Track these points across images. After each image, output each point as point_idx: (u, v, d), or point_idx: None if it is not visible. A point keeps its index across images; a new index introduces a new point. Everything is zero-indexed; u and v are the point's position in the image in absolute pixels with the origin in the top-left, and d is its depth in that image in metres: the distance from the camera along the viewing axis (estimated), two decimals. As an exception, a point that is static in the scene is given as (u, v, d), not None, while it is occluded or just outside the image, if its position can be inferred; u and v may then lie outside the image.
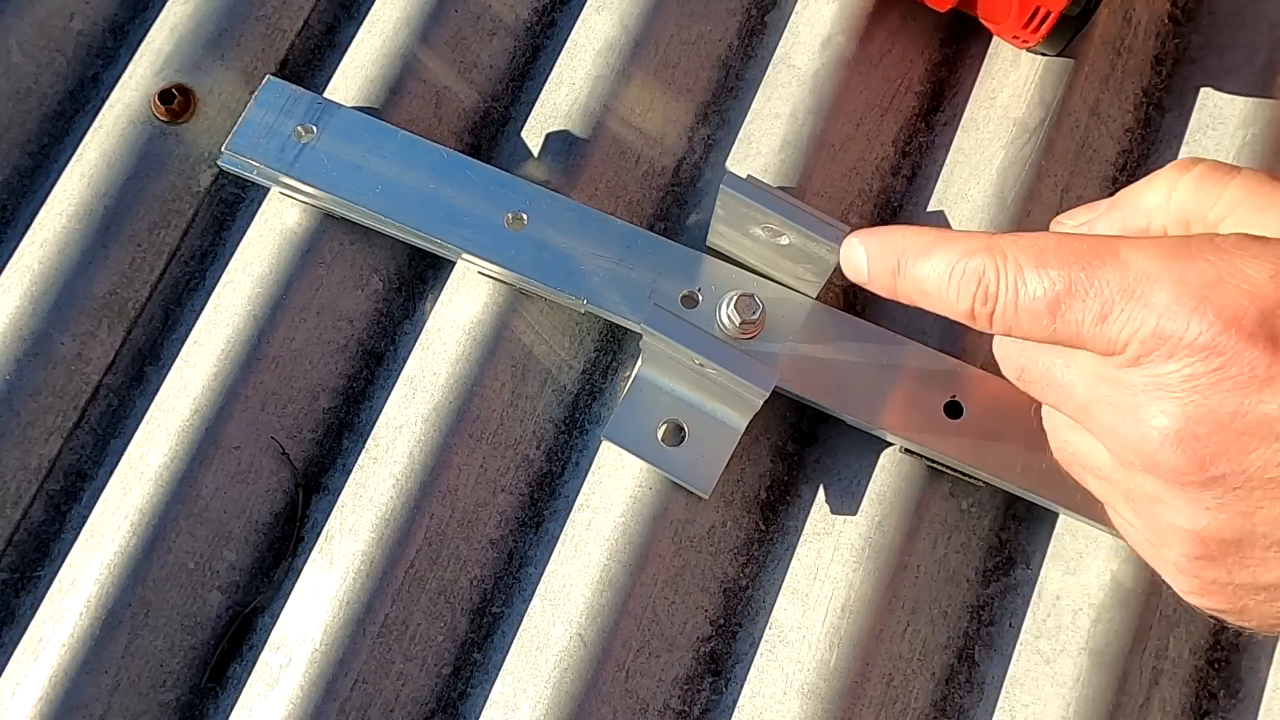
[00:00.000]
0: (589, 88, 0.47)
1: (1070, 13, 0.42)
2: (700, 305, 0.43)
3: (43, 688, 0.40)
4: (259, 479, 0.44)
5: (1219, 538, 0.28)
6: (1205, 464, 0.27)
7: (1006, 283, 0.29)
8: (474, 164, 0.44)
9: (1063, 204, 0.46)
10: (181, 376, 0.44)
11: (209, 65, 0.47)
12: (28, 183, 0.47)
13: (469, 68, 0.48)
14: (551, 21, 0.50)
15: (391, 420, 0.44)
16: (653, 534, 0.42)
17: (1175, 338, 0.26)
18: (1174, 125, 0.48)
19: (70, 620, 0.41)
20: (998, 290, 0.29)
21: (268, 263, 0.45)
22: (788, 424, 0.45)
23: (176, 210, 0.46)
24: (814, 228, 0.39)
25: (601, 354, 0.46)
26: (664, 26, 0.48)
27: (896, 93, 0.48)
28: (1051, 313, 0.28)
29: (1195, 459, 0.27)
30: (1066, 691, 0.41)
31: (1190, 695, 0.42)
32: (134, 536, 0.42)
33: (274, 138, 0.44)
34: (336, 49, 0.49)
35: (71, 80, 0.48)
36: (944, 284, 0.31)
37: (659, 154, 0.47)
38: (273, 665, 0.41)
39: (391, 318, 0.46)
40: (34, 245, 0.45)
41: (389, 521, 0.42)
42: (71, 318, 0.44)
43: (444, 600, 0.43)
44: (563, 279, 0.43)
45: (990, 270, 0.29)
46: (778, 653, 0.42)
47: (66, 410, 0.44)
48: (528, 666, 0.42)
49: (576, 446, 0.45)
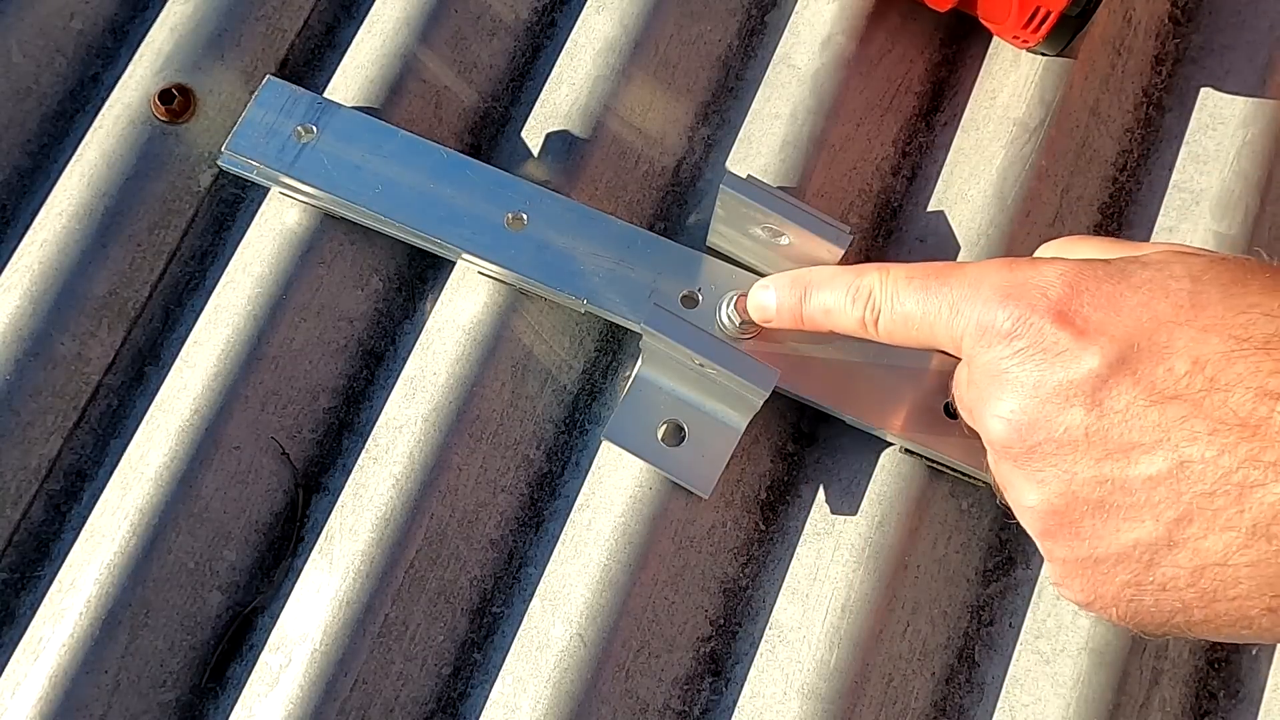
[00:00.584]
0: (589, 88, 0.47)
1: (1070, 13, 0.42)
2: (700, 305, 0.43)
3: (43, 688, 0.40)
4: (259, 479, 0.44)
5: (1050, 509, 0.31)
6: (1024, 435, 0.31)
7: (887, 294, 0.35)
8: (474, 164, 0.44)
9: (1063, 204, 0.46)
10: (181, 376, 0.44)
11: (209, 65, 0.47)
12: (28, 183, 0.47)
13: (469, 68, 0.48)
14: (551, 21, 0.50)
15: (392, 420, 0.44)
16: (653, 534, 0.42)
17: (991, 328, 0.32)
18: (1174, 125, 0.48)
19: (70, 620, 0.41)
20: (880, 302, 0.35)
21: (268, 263, 0.45)
22: (788, 424, 0.45)
23: (176, 210, 0.46)
24: (814, 228, 0.39)
25: (601, 354, 0.46)
26: (664, 26, 0.48)
27: (896, 93, 0.48)
28: (934, 280, 0.34)
29: (1016, 432, 0.31)
30: (1066, 692, 0.41)
31: (1190, 695, 0.42)
32: (134, 536, 0.42)
33: (274, 138, 0.44)
34: (337, 49, 0.49)
35: (71, 80, 0.48)
36: (843, 300, 0.37)
37: (659, 154, 0.47)
38: (273, 665, 0.41)
39: (391, 318, 0.46)
40: (34, 245, 0.45)
41: (389, 521, 0.42)
42: (71, 318, 0.44)
43: (444, 600, 0.43)
44: (563, 279, 0.43)
45: (877, 286, 0.35)
46: (778, 653, 0.42)
47: (66, 410, 0.44)
48: (528, 666, 0.41)
49: (576, 446, 0.45)
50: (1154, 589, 0.30)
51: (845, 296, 0.36)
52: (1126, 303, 0.30)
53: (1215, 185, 0.45)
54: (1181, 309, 0.29)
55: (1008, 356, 0.31)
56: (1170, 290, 0.30)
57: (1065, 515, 0.31)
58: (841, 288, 0.37)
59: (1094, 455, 0.30)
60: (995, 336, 0.31)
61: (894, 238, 0.47)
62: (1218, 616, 0.29)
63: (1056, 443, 0.30)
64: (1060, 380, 0.30)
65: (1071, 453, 0.30)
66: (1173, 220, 0.46)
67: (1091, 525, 0.31)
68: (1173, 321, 0.29)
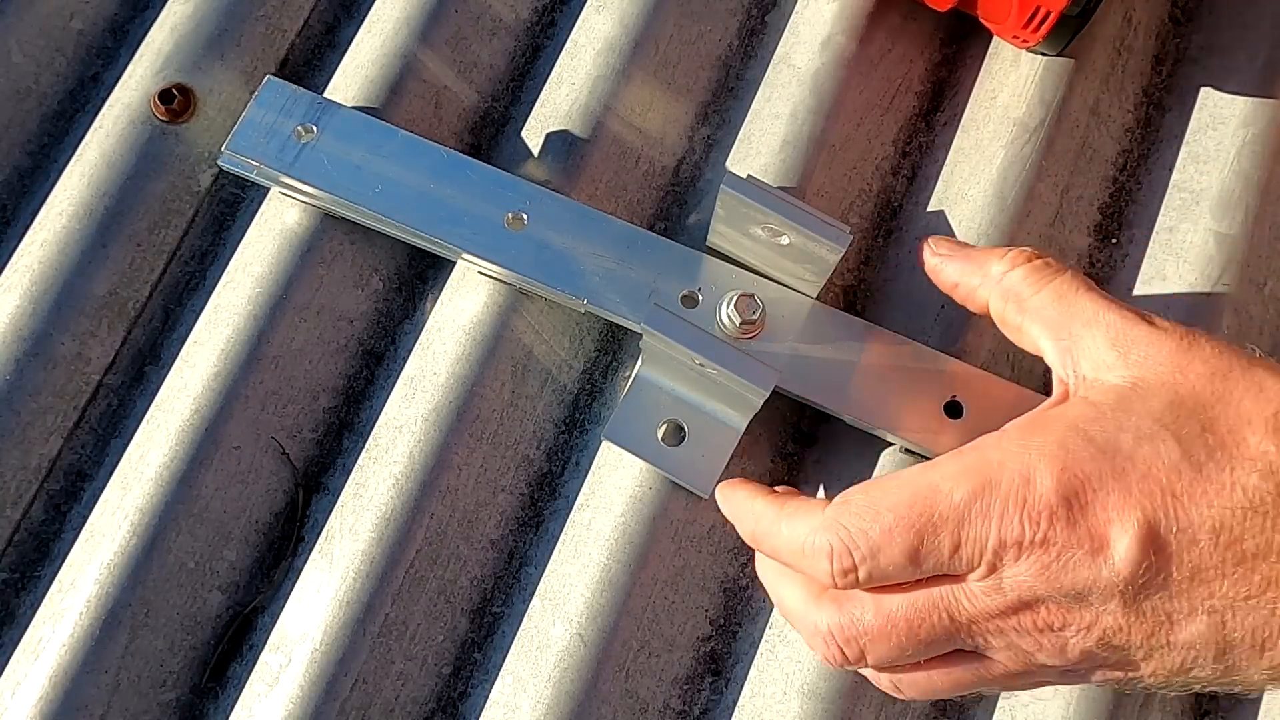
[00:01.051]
0: (589, 87, 0.47)
1: (1070, 13, 0.42)
2: (700, 305, 0.43)
3: (43, 688, 0.40)
4: (259, 479, 0.44)
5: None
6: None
7: (861, 553, 0.32)
8: (474, 164, 0.44)
9: (1063, 204, 0.46)
10: (181, 376, 0.44)
11: (209, 65, 0.47)
12: (28, 182, 0.47)
13: (469, 67, 0.48)
14: (551, 21, 0.50)
15: (392, 420, 0.44)
16: (653, 534, 0.42)
17: (1015, 541, 0.30)
18: (1174, 125, 0.48)
19: (70, 620, 0.41)
20: (854, 562, 0.32)
21: (268, 262, 0.45)
22: (788, 424, 0.45)
23: (176, 210, 0.46)
24: (814, 228, 0.39)
25: (601, 354, 0.46)
26: (664, 26, 0.48)
27: (896, 93, 0.48)
28: (914, 562, 0.31)
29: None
30: (1067, 692, 0.41)
31: (1190, 696, 0.42)
32: (134, 536, 0.42)
33: (274, 138, 0.44)
34: (337, 49, 0.49)
35: (71, 80, 0.48)
36: (800, 559, 0.33)
37: (659, 154, 0.47)
38: (273, 665, 0.41)
39: (392, 317, 0.46)
40: (34, 245, 0.45)
41: (389, 521, 0.42)
42: (71, 317, 0.44)
43: (444, 600, 0.43)
44: (563, 279, 0.43)
45: (838, 545, 0.32)
46: (778, 653, 0.42)
47: (66, 410, 0.44)
48: (528, 666, 0.42)
49: (576, 446, 0.45)
50: None
51: (802, 554, 0.33)
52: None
53: (1215, 185, 0.45)
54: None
55: (1050, 564, 0.30)
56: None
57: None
58: (795, 542, 0.33)
59: None
60: (1026, 548, 0.30)
61: (894, 237, 0.47)
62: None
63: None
64: (1099, 577, 0.30)
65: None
66: (1173, 220, 0.46)
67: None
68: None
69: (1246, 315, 0.44)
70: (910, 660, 0.33)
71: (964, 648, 0.32)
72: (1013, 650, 0.32)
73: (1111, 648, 0.31)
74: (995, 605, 0.31)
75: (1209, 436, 0.29)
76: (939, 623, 0.32)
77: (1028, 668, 0.32)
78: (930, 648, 0.32)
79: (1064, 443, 0.30)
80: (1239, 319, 0.44)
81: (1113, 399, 0.31)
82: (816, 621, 0.34)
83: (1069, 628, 0.30)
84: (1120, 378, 0.32)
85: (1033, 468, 0.30)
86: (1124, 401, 0.31)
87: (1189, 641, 0.30)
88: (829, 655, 0.34)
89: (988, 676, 0.33)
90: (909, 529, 0.31)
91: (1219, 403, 0.30)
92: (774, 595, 0.37)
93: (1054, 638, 0.31)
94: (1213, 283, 0.44)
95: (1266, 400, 0.30)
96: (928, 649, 0.32)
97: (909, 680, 0.34)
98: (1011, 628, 0.31)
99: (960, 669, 0.33)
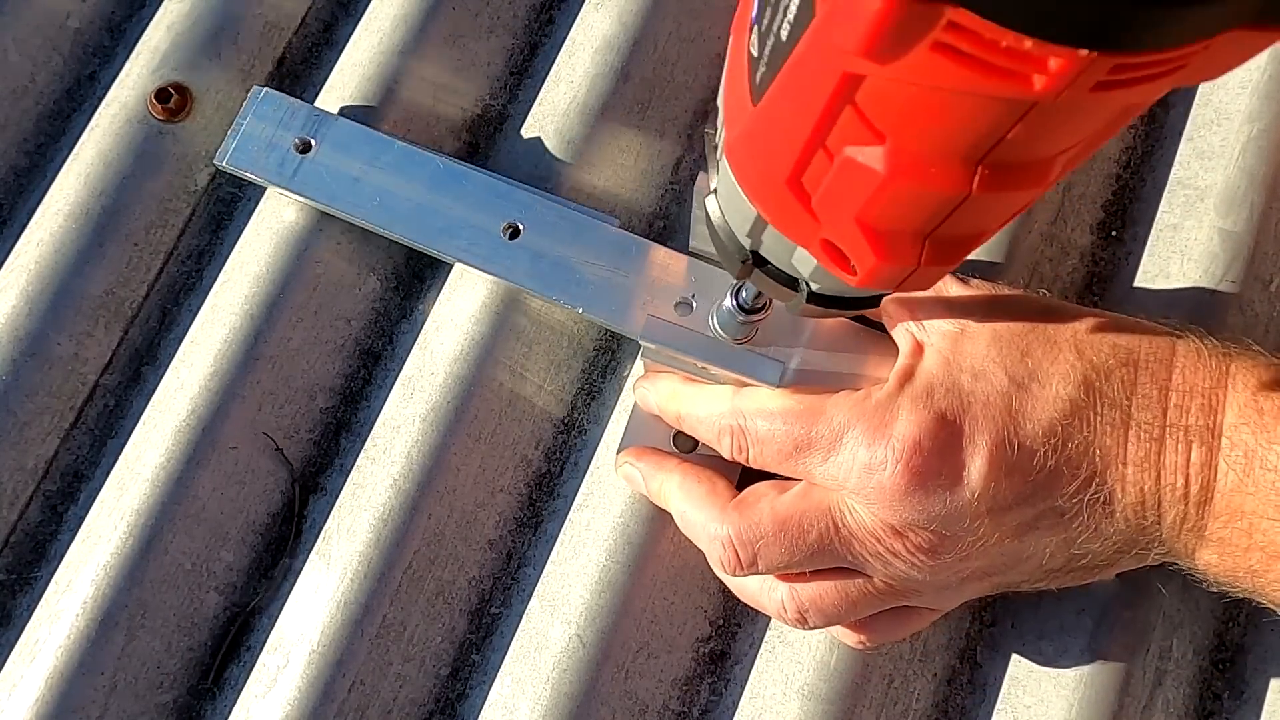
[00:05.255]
0: (587, 85, 0.47)
1: None
2: (695, 310, 0.43)
3: (39, 689, 0.40)
4: (256, 479, 0.43)
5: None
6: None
7: (754, 436, 0.37)
8: (470, 173, 0.44)
9: (1065, 202, 0.46)
10: (178, 376, 0.44)
11: (206, 64, 0.47)
12: (24, 182, 0.47)
13: (467, 65, 0.48)
14: (550, 19, 0.50)
15: (389, 420, 0.44)
16: (652, 534, 0.42)
17: (879, 462, 0.34)
18: (1177, 122, 0.47)
19: (67, 621, 0.41)
20: (747, 443, 0.37)
21: (265, 262, 0.45)
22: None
23: (173, 209, 0.46)
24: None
25: (600, 354, 0.45)
26: (663, 24, 0.48)
27: (897, 89, 0.48)
28: (794, 455, 0.36)
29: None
30: (1069, 693, 0.40)
31: (1194, 696, 0.42)
32: (131, 537, 0.42)
33: (273, 151, 0.44)
34: (334, 47, 0.49)
35: (68, 79, 0.48)
36: (709, 434, 0.39)
37: (657, 152, 0.47)
38: (270, 666, 0.41)
39: (389, 317, 0.46)
40: (30, 245, 0.45)
41: (387, 522, 0.42)
42: (68, 317, 0.44)
43: (442, 601, 0.42)
44: (558, 288, 0.43)
45: (736, 427, 0.38)
46: (778, 653, 0.41)
47: (63, 411, 0.44)
48: (526, 667, 0.41)
49: (575, 446, 0.45)
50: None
51: (708, 430, 0.39)
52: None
53: (1220, 182, 0.45)
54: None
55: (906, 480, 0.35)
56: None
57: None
58: (706, 420, 0.39)
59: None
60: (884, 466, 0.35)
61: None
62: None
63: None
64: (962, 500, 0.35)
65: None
66: (1177, 217, 0.45)
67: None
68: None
69: (1251, 312, 0.44)
70: (798, 568, 0.37)
71: (845, 565, 0.36)
72: (889, 570, 0.36)
73: (983, 560, 0.35)
74: (871, 525, 0.35)
75: (1028, 360, 0.35)
76: (826, 529, 0.36)
77: (907, 587, 0.37)
78: (816, 557, 0.36)
79: (928, 389, 0.35)
80: (1244, 316, 0.43)
81: (949, 345, 0.36)
82: (717, 529, 0.37)
83: (940, 550, 0.35)
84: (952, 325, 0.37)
85: (900, 408, 0.35)
86: (957, 345, 0.36)
87: (1044, 543, 0.35)
88: (724, 559, 0.37)
89: (872, 592, 0.37)
90: (789, 438, 0.36)
91: (1029, 332, 0.35)
92: (676, 511, 0.40)
93: (927, 558, 0.35)
94: (1217, 280, 0.44)
95: (1067, 325, 0.36)
96: (813, 558, 0.36)
97: (806, 595, 0.37)
98: (886, 550, 0.35)
99: (847, 582, 0.37)
